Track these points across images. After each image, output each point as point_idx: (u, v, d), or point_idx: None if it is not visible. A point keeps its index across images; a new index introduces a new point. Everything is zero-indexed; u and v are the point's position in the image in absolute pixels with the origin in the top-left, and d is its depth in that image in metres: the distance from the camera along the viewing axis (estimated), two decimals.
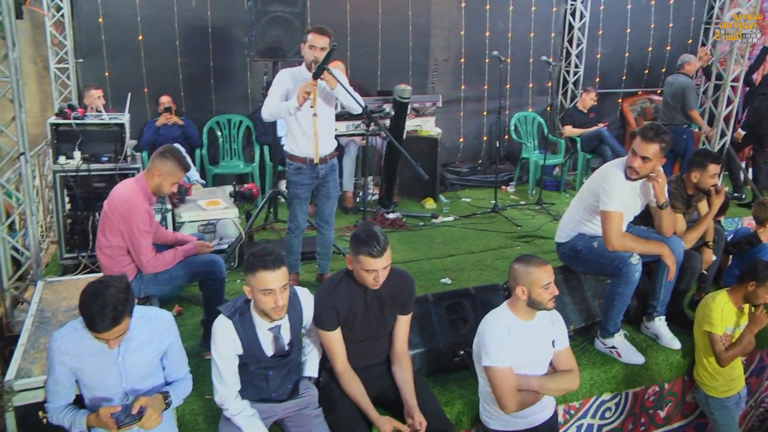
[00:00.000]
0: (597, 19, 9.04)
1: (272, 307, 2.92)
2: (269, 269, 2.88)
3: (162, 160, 3.88)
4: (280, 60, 5.52)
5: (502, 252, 6.06)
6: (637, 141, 3.97)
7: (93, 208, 4.99)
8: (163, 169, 3.87)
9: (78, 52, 6.72)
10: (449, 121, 8.27)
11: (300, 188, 4.72)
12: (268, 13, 5.30)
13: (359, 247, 3.13)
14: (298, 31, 5.40)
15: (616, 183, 4.02)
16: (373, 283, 3.16)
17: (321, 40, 4.36)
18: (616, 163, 4.19)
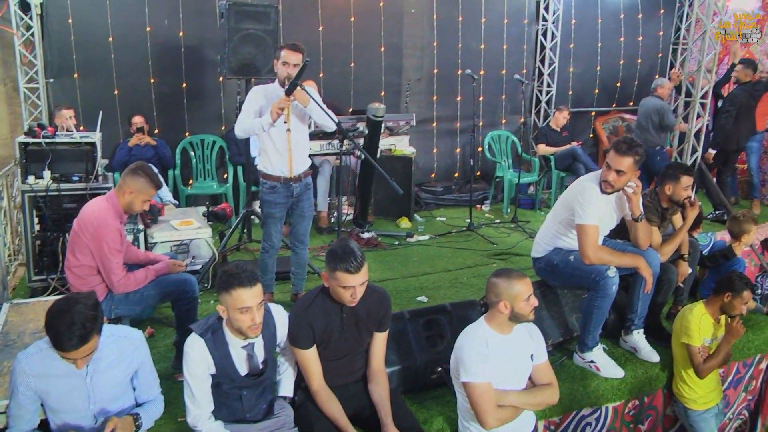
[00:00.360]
0: (569, 34, 9.13)
1: (249, 325, 2.85)
2: (245, 286, 2.80)
3: (133, 177, 3.79)
4: (253, 78, 5.47)
5: (478, 269, 6.02)
6: (611, 155, 3.98)
7: (63, 229, 4.88)
8: (135, 187, 3.78)
9: (48, 72, 6.59)
10: (422, 140, 8.27)
11: (274, 207, 4.65)
12: (240, 30, 5.25)
13: (336, 263, 3.07)
14: (270, 49, 5.35)
15: (591, 196, 4.01)
16: (350, 300, 3.10)
17: (294, 57, 4.34)
18: (590, 177, 4.19)
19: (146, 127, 6.74)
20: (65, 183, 4.92)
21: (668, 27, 9.96)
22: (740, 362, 4.72)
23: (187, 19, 6.92)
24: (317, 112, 4.42)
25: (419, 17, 8.09)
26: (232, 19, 5.21)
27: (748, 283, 4.14)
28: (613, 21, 9.48)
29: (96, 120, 5.88)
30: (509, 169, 8.37)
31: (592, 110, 9.68)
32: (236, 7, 5.23)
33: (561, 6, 8.86)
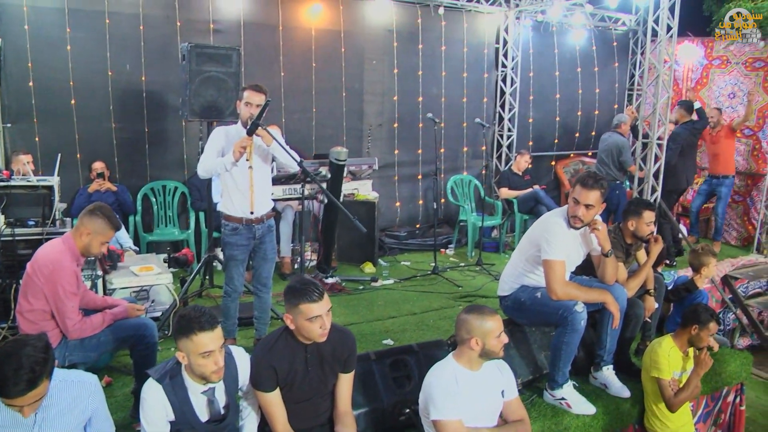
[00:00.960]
0: (527, 85, 9.29)
1: (212, 369, 2.72)
2: (206, 330, 2.68)
3: (91, 218, 3.65)
4: (215, 120, 5.38)
5: (444, 312, 5.92)
6: (577, 190, 3.96)
7: (16, 276, 4.65)
8: (92, 228, 3.63)
9: (6, 117, 6.40)
10: (385, 185, 8.23)
11: (236, 249, 4.52)
12: (202, 72, 5.17)
13: (297, 298, 2.97)
14: (232, 91, 5.28)
15: (557, 232, 3.99)
16: (321, 333, 2.99)
17: (257, 98, 4.29)
18: (555, 213, 4.18)
19: (107, 172, 6.57)
20: (20, 228, 4.71)
21: (623, 75, 10.25)
22: (708, 396, 4.68)
23: (150, 63, 6.83)
24: (280, 151, 4.35)
25: (380, 64, 8.14)
26: (194, 61, 5.13)
27: (713, 315, 4.13)
28: (571, 69, 9.71)
29: (55, 165, 5.78)
30: (472, 213, 8.35)
31: (552, 154, 9.79)
32: (198, 49, 5.16)
33: (519, 53, 9.02)
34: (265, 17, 7.34)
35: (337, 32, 7.77)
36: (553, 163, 9.85)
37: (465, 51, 8.70)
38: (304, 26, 7.57)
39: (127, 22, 6.71)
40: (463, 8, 8.52)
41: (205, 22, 7.03)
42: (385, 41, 8.12)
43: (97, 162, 6.60)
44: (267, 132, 4.23)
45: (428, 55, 8.41)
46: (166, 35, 6.88)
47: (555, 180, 9.80)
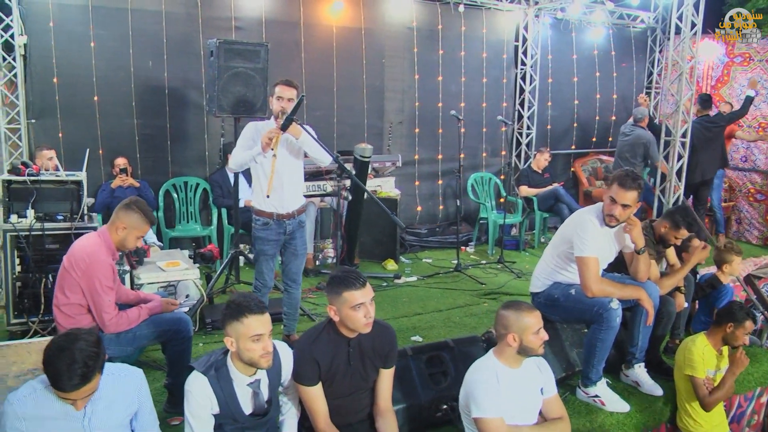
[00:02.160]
0: (546, 83, 9.26)
1: (261, 354, 2.72)
2: (256, 313, 2.69)
3: (127, 212, 3.65)
4: (242, 116, 5.38)
5: (469, 309, 5.91)
6: (614, 189, 3.93)
7: (45, 270, 4.68)
8: (128, 222, 3.63)
9: (30, 113, 6.43)
10: (405, 183, 8.21)
11: (267, 244, 4.51)
12: (230, 68, 5.18)
13: (340, 287, 2.98)
14: (260, 87, 5.29)
15: (590, 229, 3.98)
16: (365, 321, 3.00)
17: (288, 92, 4.30)
18: (588, 210, 4.16)
19: (129, 168, 6.59)
20: (49, 222, 4.72)
21: (641, 73, 10.19)
22: (741, 396, 4.63)
23: (172, 60, 6.84)
24: (311, 144, 4.34)
25: (400, 61, 8.12)
26: (222, 57, 5.15)
27: (749, 313, 4.10)
28: (589, 66, 9.67)
29: (78, 161, 5.74)
30: (493, 211, 8.33)
31: (570, 152, 9.77)
32: (226, 45, 5.18)
33: (539, 51, 8.99)
34: (286, 14, 7.34)
35: (357, 29, 7.75)
36: (572, 161, 9.82)
37: (484, 49, 8.67)
38: (325, 23, 7.56)
39: (150, 19, 6.72)
40: (483, 6, 8.49)
41: (227, 20, 7.03)
42: (405, 39, 8.09)
43: (119, 158, 6.62)
44: (298, 125, 4.22)
45: (448, 53, 8.39)
46: (188, 32, 6.89)
47: (573, 178, 9.77)
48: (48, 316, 4.57)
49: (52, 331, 4.53)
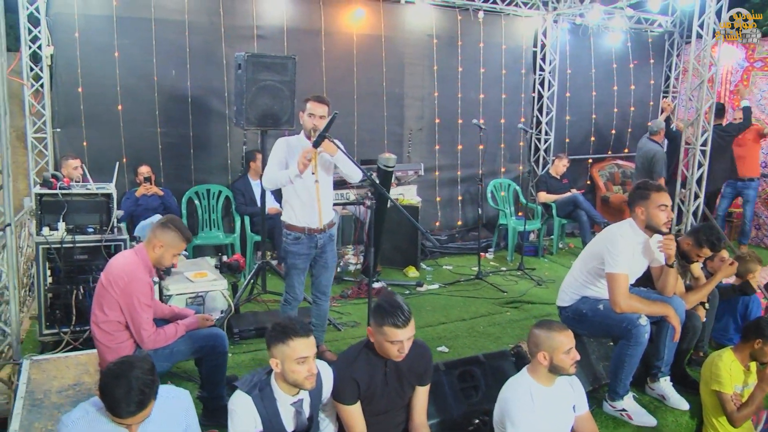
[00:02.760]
0: (564, 88, 9.31)
1: (305, 375, 2.80)
2: (302, 336, 2.77)
3: (164, 231, 3.73)
4: (270, 128, 5.46)
5: (492, 318, 5.97)
6: (659, 197, 4.02)
7: (75, 281, 4.76)
8: (165, 240, 3.71)
9: (56, 122, 6.55)
10: (425, 189, 8.27)
11: (298, 258, 4.57)
12: (258, 81, 5.26)
13: (383, 319, 3.04)
14: (287, 100, 5.37)
15: (622, 245, 4.02)
16: (398, 355, 3.06)
17: (320, 109, 4.34)
18: (620, 226, 4.21)
19: (153, 176, 6.69)
20: (80, 234, 4.79)
21: (658, 75, 10.21)
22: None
23: (195, 69, 6.95)
24: (344, 162, 4.38)
25: (420, 68, 8.20)
26: (250, 70, 5.22)
27: None
28: (606, 71, 9.70)
29: (102, 170, 5.90)
30: (512, 217, 8.40)
31: (588, 157, 9.81)
32: (254, 59, 5.25)
33: (557, 56, 9.03)
34: (307, 23, 7.43)
35: (377, 37, 7.84)
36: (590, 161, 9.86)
37: (503, 54, 8.73)
38: (346, 31, 7.65)
39: (173, 29, 6.83)
40: (502, 12, 8.55)
41: (249, 28, 7.13)
42: (425, 46, 8.18)
43: (143, 166, 6.74)
44: (332, 142, 4.28)
45: (467, 58, 8.46)
46: (211, 41, 7.00)
47: (591, 183, 9.81)
48: (79, 326, 4.68)
49: (84, 342, 4.64)
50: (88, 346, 4.62)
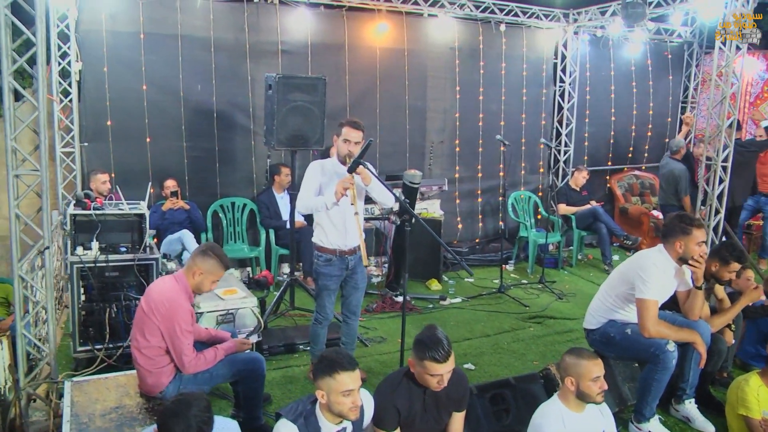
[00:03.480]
0: (583, 99, 9.39)
1: (350, 407, 2.90)
2: (348, 370, 2.87)
3: (203, 258, 3.82)
4: (300, 148, 5.57)
5: (516, 334, 6.06)
6: (697, 233, 4.10)
7: (108, 298, 4.89)
8: (205, 268, 3.81)
9: (83, 136, 6.70)
10: (446, 201, 8.36)
11: (329, 280, 4.67)
12: (288, 102, 5.38)
13: (424, 353, 3.14)
14: (317, 120, 5.49)
15: (654, 272, 4.09)
16: (437, 386, 3.17)
17: (356, 134, 4.40)
18: (653, 252, 4.26)
19: (179, 190, 6.81)
20: (113, 254, 4.91)
21: (677, 87, 10.26)
22: None
23: (220, 84, 7.08)
24: (378, 189, 4.47)
25: (442, 80, 8.30)
26: (281, 91, 5.33)
27: None
28: (625, 82, 9.77)
29: (129, 184, 6.06)
30: (532, 229, 8.48)
31: (606, 168, 9.88)
32: (285, 80, 5.37)
33: (577, 67, 9.11)
34: (331, 37, 7.55)
35: (401, 50, 7.96)
36: (607, 177, 9.94)
37: (524, 67, 8.83)
38: (369, 45, 7.77)
39: (199, 45, 6.97)
40: (523, 24, 8.63)
41: (273, 44, 7.26)
42: (447, 59, 8.29)
43: (169, 180, 6.86)
44: (367, 170, 4.35)
45: (489, 71, 8.55)
46: (236, 57, 7.14)
47: (609, 194, 9.89)
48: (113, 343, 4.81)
49: (118, 359, 4.77)
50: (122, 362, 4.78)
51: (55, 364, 4.61)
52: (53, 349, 4.59)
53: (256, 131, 7.28)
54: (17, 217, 4.29)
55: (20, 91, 4.21)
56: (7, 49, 4.09)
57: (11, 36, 4.15)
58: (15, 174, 4.24)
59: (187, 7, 6.88)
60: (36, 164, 4.28)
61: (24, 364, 4.47)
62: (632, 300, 4.19)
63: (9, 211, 4.26)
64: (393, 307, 6.60)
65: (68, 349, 5.12)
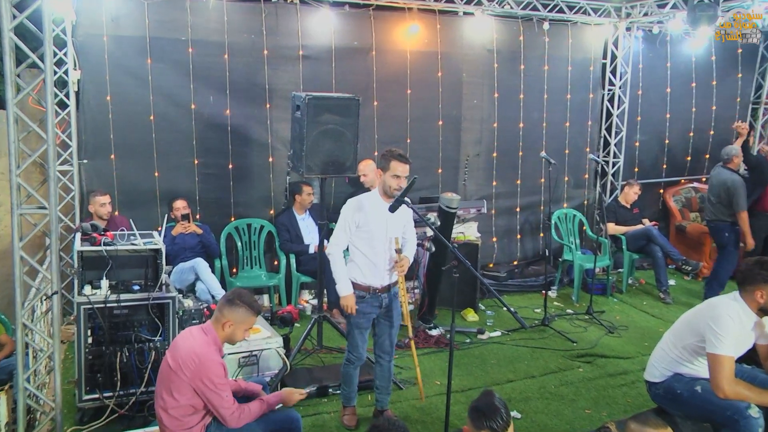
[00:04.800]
0: (635, 104, 9.33)
1: None
2: None
3: (231, 308, 3.86)
4: (332, 176, 5.64)
5: (564, 375, 6.07)
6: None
7: (118, 340, 4.92)
8: (234, 318, 3.86)
9: (83, 153, 6.71)
10: (481, 219, 8.27)
11: (362, 318, 4.78)
12: (319, 125, 5.43)
13: (481, 422, 3.19)
14: (350, 144, 5.54)
15: (729, 325, 4.03)
16: None
17: (404, 168, 4.53)
18: (726, 305, 4.19)
19: (190, 212, 6.87)
20: (125, 293, 4.94)
21: (746, 87, 10.07)
22: None
23: (235, 94, 7.13)
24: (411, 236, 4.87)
25: (479, 86, 8.32)
26: (311, 113, 5.38)
27: None
28: (685, 84, 9.68)
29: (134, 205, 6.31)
30: (577, 251, 8.50)
31: (660, 181, 9.84)
32: (315, 101, 5.41)
33: (629, 69, 9.04)
34: (357, 40, 7.59)
35: (433, 54, 7.98)
36: (661, 191, 9.91)
37: (569, 69, 8.81)
38: (399, 48, 7.80)
39: (212, 51, 7.01)
40: (569, 21, 8.62)
41: (294, 48, 7.29)
42: (484, 61, 8.31)
43: (178, 200, 6.89)
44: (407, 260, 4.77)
45: (530, 75, 8.56)
46: (252, 63, 7.18)
47: (663, 209, 9.87)
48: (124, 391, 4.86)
49: (130, 409, 4.84)
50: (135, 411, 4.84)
51: (61, 419, 4.67)
52: (59, 402, 4.66)
53: (274, 146, 7.33)
54: (21, 259, 4.35)
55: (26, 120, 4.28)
56: (11, 75, 4.18)
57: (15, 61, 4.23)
58: (20, 213, 4.32)
59: (198, 9, 6.91)
60: (44, 201, 4.35)
61: (23, 421, 4.51)
62: (702, 353, 4.15)
63: (13, 253, 4.33)
64: (427, 343, 6.64)
65: (70, 396, 5.13)
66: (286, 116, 6.89)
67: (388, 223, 4.65)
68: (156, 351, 4.95)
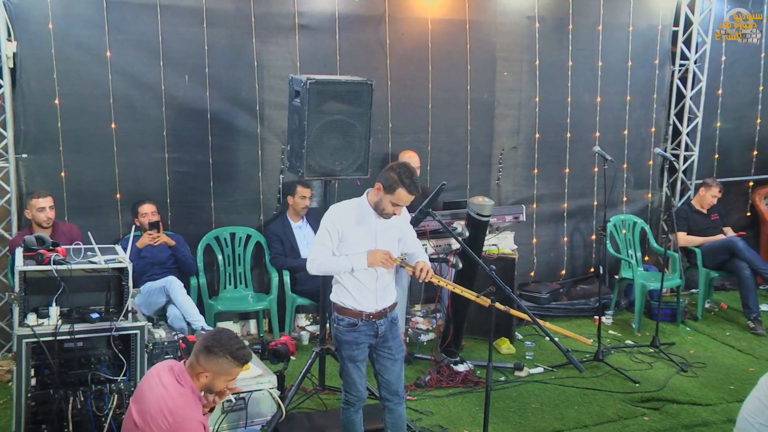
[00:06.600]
0: (715, 84, 9.21)
1: None
2: None
3: (209, 358, 3.75)
4: (339, 178, 5.62)
5: (625, 426, 5.97)
6: None
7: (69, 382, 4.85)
8: (213, 369, 3.78)
9: (21, 146, 6.58)
10: (518, 228, 8.14)
11: (356, 349, 4.76)
12: (323, 115, 5.38)
13: None
14: (362, 139, 5.50)
15: None
16: None
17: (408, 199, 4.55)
18: None
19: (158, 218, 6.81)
20: (80, 323, 4.87)
21: None
22: None
23: (216, 74, 7.09)
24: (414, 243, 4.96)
25: (516, 63, 8.28)
26: (314, 100, 5.32)
27: None
28: None
29: (86, 210, 6.32)
30: (639, 267, 8.40)
31: (746, 179, 9.73)
32: (319, 86, 5.35)
33: (708, 39, 8.89)
34: (366, 6, 7.55)
35: (461, 23, 7.93)
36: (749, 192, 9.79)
37: (630, 40, 8.72)
38: (418, 16, 7.75)
39: (187, 20, 6.95)
40: None
41: (288, 16, 7.24)
42: (523, 33, 8.25)
43: (144, 204, 6.85)
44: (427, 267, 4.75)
45: (580, 48, 8.50)
46: (237, 35, 7.14)
47: (752, 215, 9.77)
48: None
49: None
50: None
51: None
52: None
53: (264, 137, 7.31)
54: None
55: None
56: None
57: None
58: None
59: None
60: None
61: None
62: None
63: None
64: (453, 381, 6.57)
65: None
66: (279, 100, 6.90)
67: (378, 235, 4.65)
68: (120, 394, 4.90)
